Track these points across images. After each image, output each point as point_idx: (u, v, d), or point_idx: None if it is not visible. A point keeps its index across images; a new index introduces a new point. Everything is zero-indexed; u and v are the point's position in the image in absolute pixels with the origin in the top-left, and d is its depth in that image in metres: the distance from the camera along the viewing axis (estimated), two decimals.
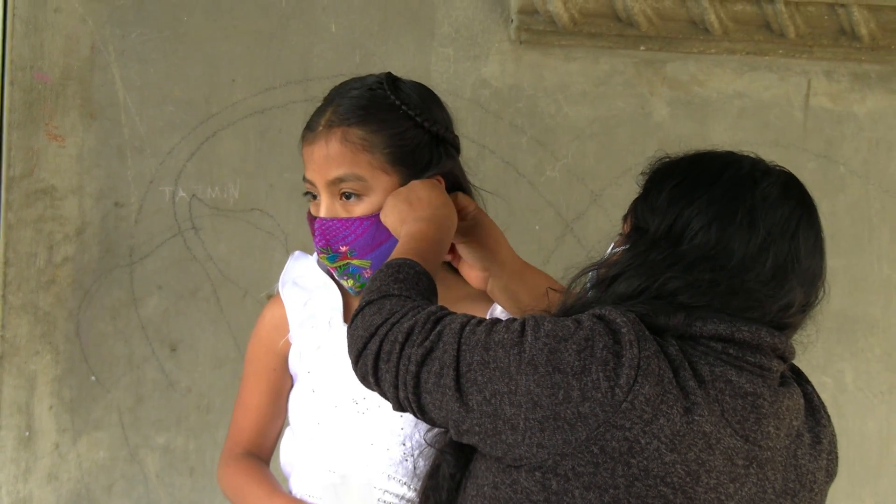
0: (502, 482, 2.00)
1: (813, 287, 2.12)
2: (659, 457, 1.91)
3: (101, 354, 3.84)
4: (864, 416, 4.22)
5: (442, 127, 2.48)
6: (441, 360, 2.01)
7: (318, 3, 3.91)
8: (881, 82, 4.20)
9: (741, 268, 2.03)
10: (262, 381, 2.68)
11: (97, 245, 3.83)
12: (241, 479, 2.65)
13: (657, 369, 1.94)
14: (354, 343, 2.13)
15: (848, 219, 4.21)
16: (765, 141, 4.08)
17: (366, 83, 2.47)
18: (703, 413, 1.95)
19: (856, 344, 4.22)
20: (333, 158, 2.38)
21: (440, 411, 2.02)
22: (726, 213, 2.05)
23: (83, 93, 3.80)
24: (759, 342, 2.02)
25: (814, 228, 2.12)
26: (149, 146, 3.84)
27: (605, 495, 1.92)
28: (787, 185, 2.13)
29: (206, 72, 3.87)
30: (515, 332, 1.99)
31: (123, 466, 3.86)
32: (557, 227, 4.01)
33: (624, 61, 4.08)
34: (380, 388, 2.10)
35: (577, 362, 1.92)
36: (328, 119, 2.42)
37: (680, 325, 2.01)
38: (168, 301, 3.87)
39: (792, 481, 2.06)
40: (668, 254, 2.05)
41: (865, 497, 4.22)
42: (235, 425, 2.74)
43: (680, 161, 2.18)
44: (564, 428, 1.91)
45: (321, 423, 2.55)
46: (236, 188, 3.88)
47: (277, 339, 2.65)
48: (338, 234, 2.42)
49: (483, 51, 4.00)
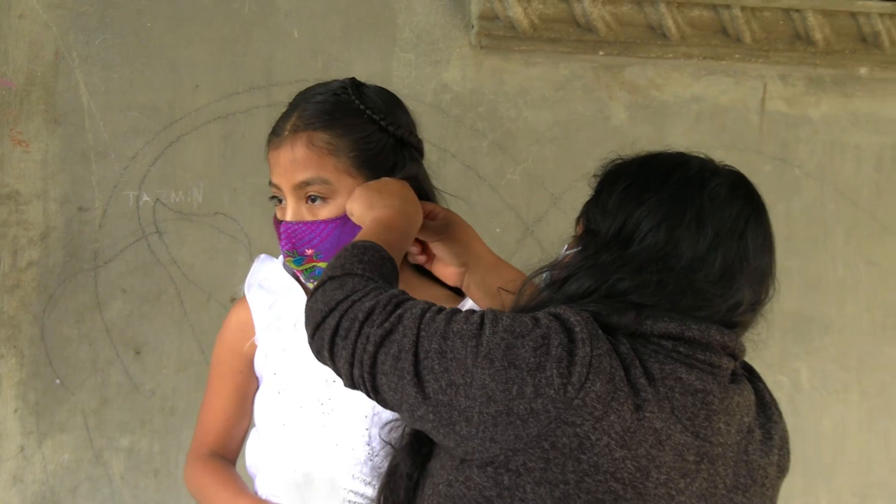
0: (456, 479, 2.01)
1: (762, 285, 2.13)
2: (609, 453, 1.91)
3: (65, 358, 3.83)
4: (820, 415, 4.25)
5: (406, 131, 2.49)
6: (400, 344, 2.00)
7: (281, 9, 3.91)
8: (836, 86, 4.23)
9: (690, 268, 2.04)
10: (227, 382, 2.67)
11: (61, 249, 3.82)
12: (207, 480, 2.64)
13: (609, 367, 1.94)
14: (313, 316, 2.12)
15: (803, 220, 4.22)
16: (721, 144, 4.10)
17: (330, 88, 2.48)
18: (654, 410, 1.96)
19: (811, 343, 4.25)
20: (299, 162, 2.39)
21: (395, 394, 2.02)
22: (675, 215, 2.06)
23: (47, 98, 3.79)
24: (709, 340, 2.03)
25: (762, 227, 2.13)
26: (113, 151, 3.83)
27: (556, 490, 1.92)
28: (736, 184, 2.13)
29: (170, 77, 3.86)
30: (474, 325, 1.98)
31: (88, 468, 3.84)
32: (518, 229, 4.00)
33: (583, 66, 4.07)
34: (333, 364, 2.10)
35: (533, 359, 1.93)
36: (294, 124, 2.42)
37: (631, 323, 2.02)
38: (132, 304, 3.86)
39: (743, 476, 2.06)
40: (618, 255, 2.06)
41: (820, 494, 4.25)
42: (201, 426, 2.73)
43: (630, 163, 2.19)
44: (517, 423, 1.92)
45: (286, 423, 2.55)
46: (200, 192, 3.87)
47: (243, 342, 2.64)
48: (304, 238, 2.42)
49: (444, 56, 4.00)
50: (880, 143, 4.28)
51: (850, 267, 4.26)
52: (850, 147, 4.25)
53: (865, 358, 4.28)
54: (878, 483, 4.29)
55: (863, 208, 4.25)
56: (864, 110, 4.25)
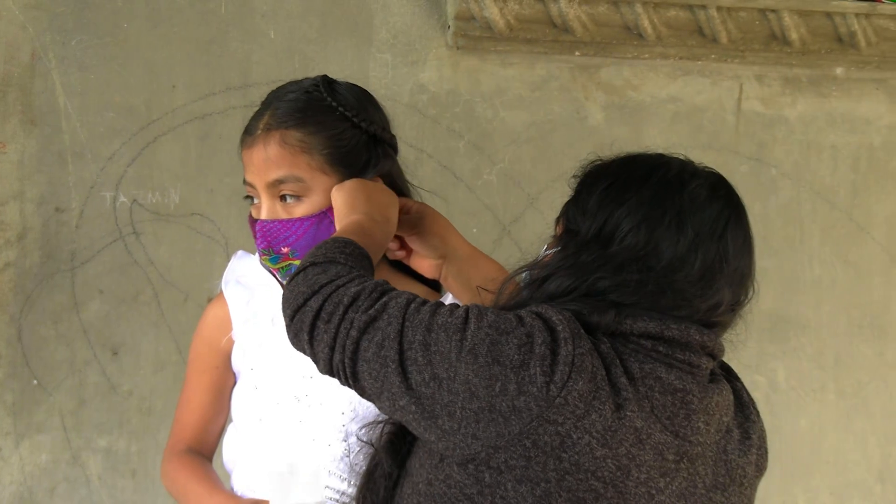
0: (436, 478, 2.01)
1: (742, 286, 2.13)
2: (590, 451, 1.92)
3: (42, 358, 3.82)
4: (797, 414, 4.25)
5: (379, 127, 2.49)
6: (384, 332, 2.00)
7: (258, 9, 3.90)
8: (812, 86, 4.23)
9: (670, 268, 2.04)
10: (204, 378, 2.68)
11: (38, 250, 3.81)
12: (183, 476, 2.64)
13: (590, 366, 1.95)
14: (294, 299, 2.11)
15: (780, 220, 4.23)
16: (698, 144, 4.11)
17: (302, 86, 2.48)
18: (634, 409, 1.96)
19: (788, 343, 4.25)
20: (273, 161, 2.38)
21: (375, 382, 2.01)
22: (655, 215, 2.06)
23: (24, 99, 3.78)
24: (688, 340, 2.03)
25: (742, 229, 2.13)
26: (90, 152, 3.82)
27: (537, 489, 1.93)
28: (716, 186, 2.14)
29: (147, 78, 3.85)
30: (459, 319, 1.99)
31: (66, 469, 3.83)
32: (495, 229, 4.00)
33: (559, 66, 4.07)
34: (311, 348, 2.09)
35: (518, 356, 1.93)
36: (266, 122, 2.42)
37: (611, 322, 2.02)
38: (109, 305, 3.85)
39: (722, 476, 2.07)
40: (598, 255, 2.06)
41: (798, 494, 4.25)
42: (178, 422, 2.73)
43: (610, 164, 2.19)
44: (499, 420, 1.92)
45: (263, 419, 2.55)
46: (177, 193, 3.86)
47: (220, 337, 2.65)
48: (279, 236, 2.42)
49: (421, 56, 4.00)
50: (856, 143, 4.28)
51: (826, 267, 4.27)
52: (826, 147, 4.26)
53: (842, 357, 4.29)
54: (856, 482, 4.30)
55: (839, 208, 4.26)
56: (841, 110, 4.26)
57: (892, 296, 4.33)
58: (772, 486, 4.19)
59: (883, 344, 4.31)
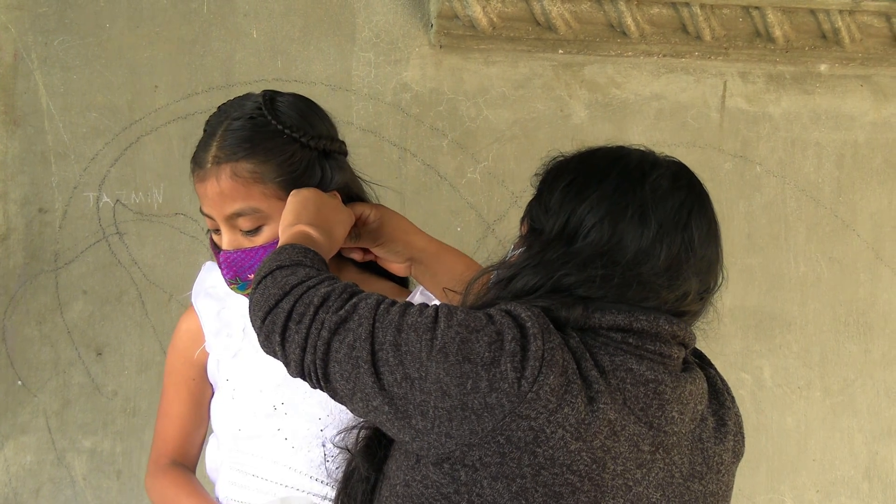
0: (413, 479, 2.01)
1: (710, 274, 2.14)
2: (564, 445, 1.92)
3: (26, 359, 3.81)
4: (783, 412, 4.26)
5: (327, 140, 2.48)
6: (355, 333, 2.00)
7: (240, 9, 3.91)
8: (795, 83, 4.24)
9: (635, 261, 2.04)
10: (182, 391, 2.70)
11: (22, 251, 3.81)
12: (171, 492, 2.66)
13: (561, 360, 1.95)
14: (265, 301, 2.11)
15: (764, 218, 4.23)
16: (682, 142, 4.13)
17: (245, 111, 2.46)
18: (607, 401, 1.97)
19: (773, 341, 4.25)
20: (227, 195, 2.38)
21: (347, 383, 2.01)
22: (618, 209, 2.06)
23: (6, 99, 3.78)
24: (658, 330, 2.04)
25: (706, 217, 2.14)
26: (72, 152, 3.82)
27: (513, 485, 1.93)
28: (677, 175, 2.14)
29: (129, 78, 3.85)
30: (429, 318, 1.99)
31: (51, 470, 3.84)
32: (479, 228, 4.02)
33: (542, 65, 4.08)
34: (283, 350, 2.09)
35: (488, 353, 1.93)
36: (215, 155, 2.41)
37: (580, 317, 2.03)
38: (93, 305, 3.85)
39: (699, 464, 2.09)
40: (563, 252, 2.06)
41: (784, 491, 4.26)
42: (159, 436, 2.74)
43: (570, 160, 2.19)
44: (472, 418, 1.92)
45: (242, 428, 2.56)
46: (160, 193, 3.86)
47: (193, 350, 2.66)
48: (244, 265, 2.42)
49: (404, 55, 4.00)
50: (841, 140, 4.29)
51: (811, 264, 4.27)
52: (810, 144, 4.27)
53: (828, 355, 4.30)
54: (842, 480, 4.31)
55: (824, 205, 4.27)
56: (825, 107, 4.27)
57: (877, 293, 4.35)
58: (759, 483, 4.26)
59: (869, 341, 4.32)
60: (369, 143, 3.97)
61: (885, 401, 4.33)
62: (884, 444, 4.34)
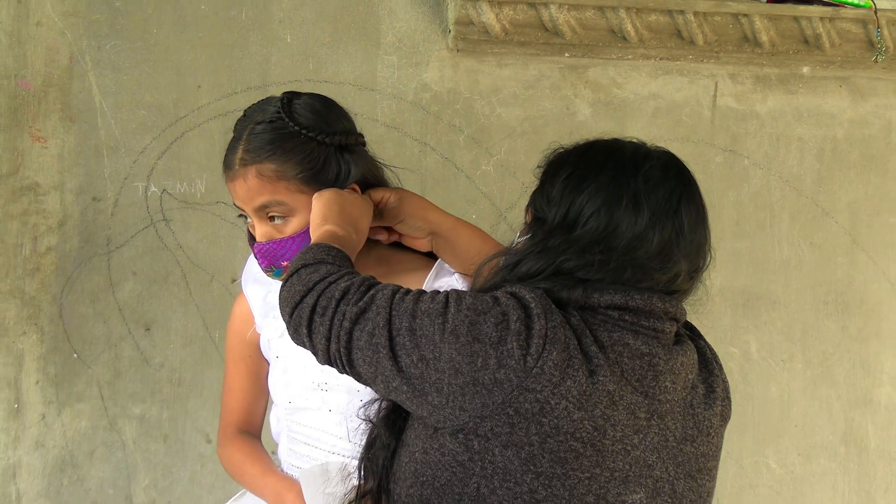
0: (431, 447, 2.04)
1: (699, 256, 2.16)
2: (568, 415, 1.95)
3: (82, 334, 3.88)
4: (767, 383, 4.30)
5: (343, 136, 2.51)
6: (374, 321, 2.02)
7: (275, 16, 3.93)
8: (780, 84, 4.27)
9: (630, 247, 2.06)
10: (241, 367, 2.77)
11: (77, 236, 3.86)
12: (238, 458, 2.72)
13: (563, 337, 1.97)
14: (291, 297, 2.14)
15: (751, 206, 4.26)
16: (677, 137, 4.16)
17: (266, 116, 2.48)
18: (606, 374, 1.99)
19: (759, 318, 4.29)
20: (254, 191, 2.42)
21: (370, 367, 2.04)
22: (613, 199, 2.08)
23: (63, 98, 3.83)
24: (652, 308, 2.07)
25: (694, 203, 2.16)
26: (123, 146, 3.86)
27: (522, 452, 1.96)
28: (667, 165, 2.16)
29: (174, 79, 3.89)
30: (440, 304, 2.01)
31: (103, 434, 3.89)
32: (492, 215, 4.04)
33: (550, 67, 4.09)
34: (311, 341, 2.12)
35: (495, 333, 1.96)
36: (241, 158, 2.44)
37: (580, 297, 2.05)
38: (142, 286, 3.90)
39: (690, 428, 2.12)
40: (564, 239, 2.08)
41: (769, 454, 4.31)
42: (225, 408, 2.80)
43: (569, 153, 2.21)
44: (483, 392, 1.95)
45: (292, 401, 2.63)
46: (202, 183, 3.91)
47: (246, 330, 2.73)
48: (277, 254, 2.46)
49: (424, 58, 4.02)
50: (821, 136, 4.31)
51: (794, 248, 4.29)
52: (793, 139, 4.28)
53: (808, 331, 4.32)
54: (821, 444, 4.33)
55: (805, 195, 4.30)
56: (807, 106, 4.27)
57: (853, 274, 4.34)
58: (745, 447, 4.28)
59: (846, 318, 4.34)
60: (393, 138, 3.97)
61: (861, 372, 4.35)
62: (859, 412, 4.36)
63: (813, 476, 4.37)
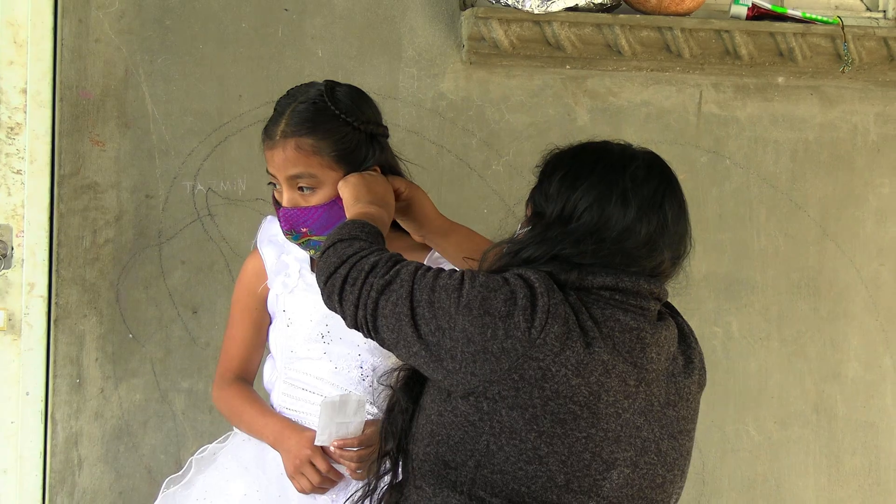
0: (445, 409, 2.13)
1: (681, 245, 2.25)
2: (567, 381, 2.05)
3: (136, 317, 3.97)
4: (747, 359, 4.38)
5: (373, 125, 2.62)
6: (398, 293, 2.11)
7: (308, 33, 4.01)
8: (758, 92, 4.34)
9: (620, 238, 2.16)
10: (246, 318, 2.85)
11: (132, 229, 3.96)
12: (236, 401, 2.80)
13: (563, 313, 2.07)
14: (327, 267, 2.22)
15: (732, 202, 4.35)
16: (666, 140, 4.23)
17: (309, 97, 2.59)
18: (600, 346, 2.09)
19: (740, 301, 4.37)
20: (290, 161, 2.55)
21: (392, 334, 2.13)
22: (604, 195, 2.17)
23: (119, 107, 3.93)
24: (639, 289, 2.17)
25: (677, 198, 2.25)
26: (173, 149, 3.96)
27: (526, 413, 2.05)
28: (651, 165, 2.25)
29: (218, 89, 3.99)
30: (456, 281, 2.10)
31: (156, 406, 3.99)
32: (501, 211, 4.11)
33: (553, 77, 4.17)
34: (341, 307, 2.20)
35: (504, 308, 2.06)
36: (283, 130, 2.57)
37: (576, 279, 2.15)
38: (190, 273, 4.00)
39: (672, 394, 2.22)
40: (561, 231, 2.18)
41: (749, 422, 4.39)
42: (226, 354, 2.88)
43: (564, 154, 2.30)
44: (491, 360, 2.04)
45: (294, 350, 2.73)
46: (244, 182, 4.01)
47: (257, 285, 2.81)
48: (299, 220, 2.58)
49: (440, 70, 4.11)
50: (795, 139, 4.37)
51: (770, 239, 4.38)
52: (770, 142, 4.36)
53: (784, 312, 4.40)
54: (795, 413, 4.42)
55: (781, 191, 4.39)
56: (782, 112, 4.35)
57: (823, 262, 4.42)
58: (727, 416, 4.35)
59: (817, 301, 4.42)
60: (413, 141, 4.04)
61: (830, 349, 4.44)
62: (829, 385, 4.45)
63: (788, 441, 4.42)
